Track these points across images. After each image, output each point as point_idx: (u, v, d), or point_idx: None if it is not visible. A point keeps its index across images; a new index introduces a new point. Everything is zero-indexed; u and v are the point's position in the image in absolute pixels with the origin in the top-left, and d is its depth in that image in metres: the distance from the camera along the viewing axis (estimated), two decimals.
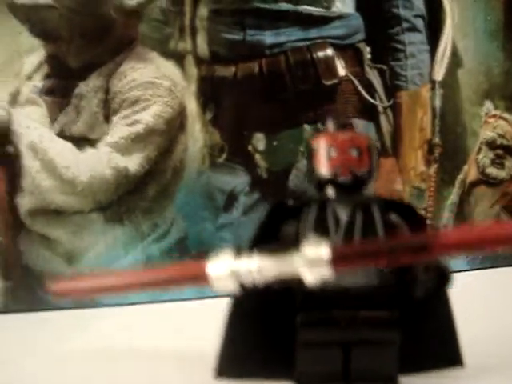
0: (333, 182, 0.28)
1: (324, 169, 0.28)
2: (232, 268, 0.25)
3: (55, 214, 0.48)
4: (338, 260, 0.24)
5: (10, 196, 0.47)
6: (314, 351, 0.28)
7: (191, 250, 0.50)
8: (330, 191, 0.28)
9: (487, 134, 0.58)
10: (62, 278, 0.30)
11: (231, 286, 0.26)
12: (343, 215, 0.28)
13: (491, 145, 0.58)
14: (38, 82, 0.47)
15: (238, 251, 0.26)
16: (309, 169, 0.29)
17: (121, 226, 0.49)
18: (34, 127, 0.47)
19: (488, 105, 0.58)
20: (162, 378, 0.31)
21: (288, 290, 0.28)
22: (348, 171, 0.28)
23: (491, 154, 0.58)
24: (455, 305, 0.29)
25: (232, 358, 0.29)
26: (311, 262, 0.24)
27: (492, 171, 0.58)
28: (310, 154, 0.29)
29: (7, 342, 0.40)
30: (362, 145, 0.28)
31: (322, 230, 0.27)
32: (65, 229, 0.48)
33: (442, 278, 0.27)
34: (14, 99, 0.47)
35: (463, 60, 0.57)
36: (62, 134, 0.48)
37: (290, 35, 0.52)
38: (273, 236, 0.28)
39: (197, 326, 0.39)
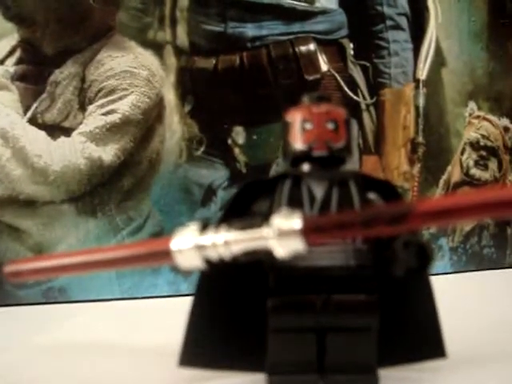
0: (308, 156, 0.27)
1: (298, 142, 0.27)
2: (197, 242, 0.24)
3: (25, 204, 0.46)
4: (310, 231, 0.22)
5: None
6: (286, 338, 0.26)
7: None
8: (306, 166, 0.27)
9: (471, 134, 0.58)
10: (19, 259, 0.28)
11: (195, 261, 0.24)
12: (319, 191, 0.26)
13: (475, 146, 0.58)
14: (10, 66, 0.46)
15: (205, 225, 0.24)
16: (283, 144, 0.28)
17: (94, 219, 0.47)
18: (5, 113, 0.45)
19: (472, 105, 0.58)
20: (127, 374, 0.29)
21: (258, 272, 0.26)
22: (324, 145, 0.26)
23: (475, 155, 0.58)
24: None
25: (197, 345, 0.27)
26: (282, 233, 0.22)
27: (476, 172, 0.57)
28: (285, 129, 0.28)
29: None
30: (338, 118, 0.27)
31: (295, 206, 0.26)
32: (35, 220, 0.46)
33: (424, 255, 0.25)
34: None
35: (447, 60, 0.57)
36: (34, 122, 0.46)
37: (272, 29, 0.51)
38: (244, 212, 0.27)
39: (169, 323, 0.38)
